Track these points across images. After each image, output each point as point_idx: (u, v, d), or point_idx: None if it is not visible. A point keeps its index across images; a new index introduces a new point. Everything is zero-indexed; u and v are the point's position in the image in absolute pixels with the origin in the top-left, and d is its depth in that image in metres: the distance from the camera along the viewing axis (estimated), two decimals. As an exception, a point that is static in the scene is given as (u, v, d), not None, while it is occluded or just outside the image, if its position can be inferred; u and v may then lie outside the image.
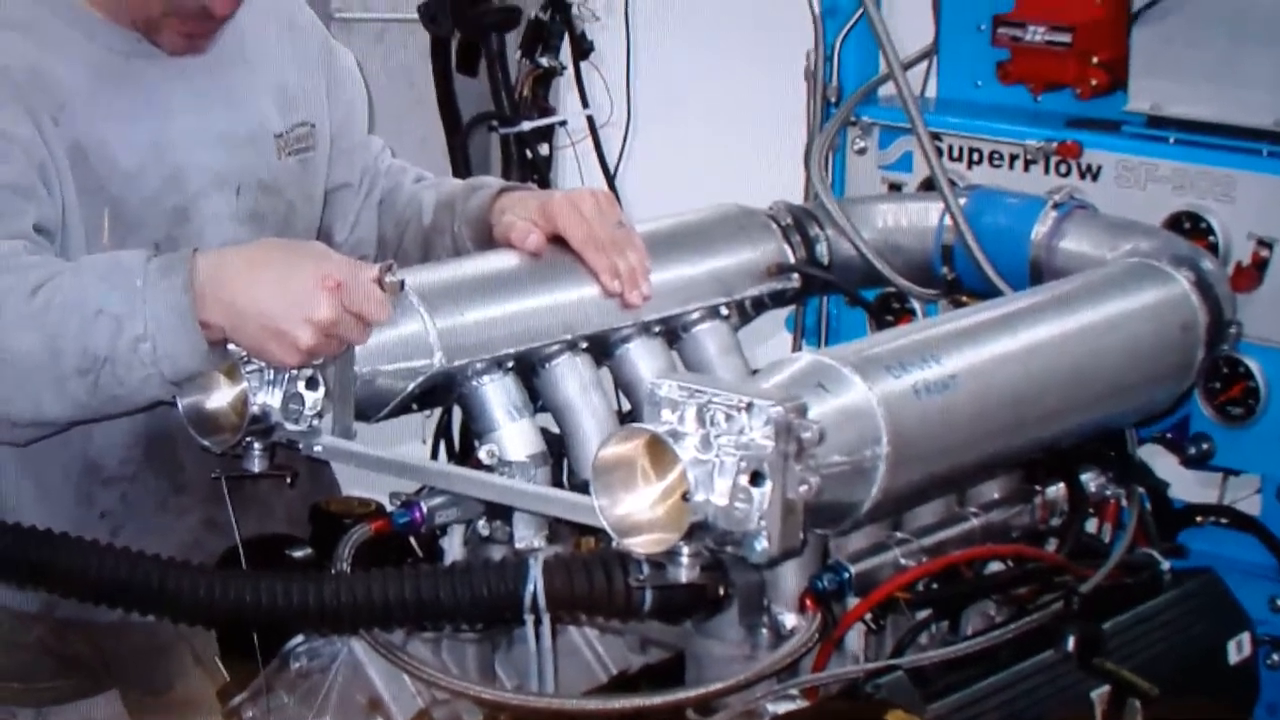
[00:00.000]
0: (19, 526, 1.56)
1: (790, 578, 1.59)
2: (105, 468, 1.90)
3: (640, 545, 1.45)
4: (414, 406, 1.73)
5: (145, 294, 1.62)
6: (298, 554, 1.67)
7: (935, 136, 2.09)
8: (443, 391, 1.72)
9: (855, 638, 1.63)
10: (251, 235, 1.89)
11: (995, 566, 1.76)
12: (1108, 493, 1.87)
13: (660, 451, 1.44)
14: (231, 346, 1.64)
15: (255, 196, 1.93)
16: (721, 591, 1.54)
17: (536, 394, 1.79)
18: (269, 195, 1.94)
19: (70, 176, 1.79)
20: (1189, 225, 2.00)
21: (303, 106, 1.99)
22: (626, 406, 1.87)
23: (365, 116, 2.11)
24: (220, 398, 1.64)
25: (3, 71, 1.77)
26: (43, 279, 1.65)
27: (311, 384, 1.63)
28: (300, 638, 1.69)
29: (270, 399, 1.63)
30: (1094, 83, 2.10)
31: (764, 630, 1.58)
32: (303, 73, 2.00)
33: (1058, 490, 1.84)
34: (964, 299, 2.04)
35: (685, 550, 1.47)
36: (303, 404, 1.63)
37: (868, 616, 1.60)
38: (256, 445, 1.66)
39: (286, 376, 1.63)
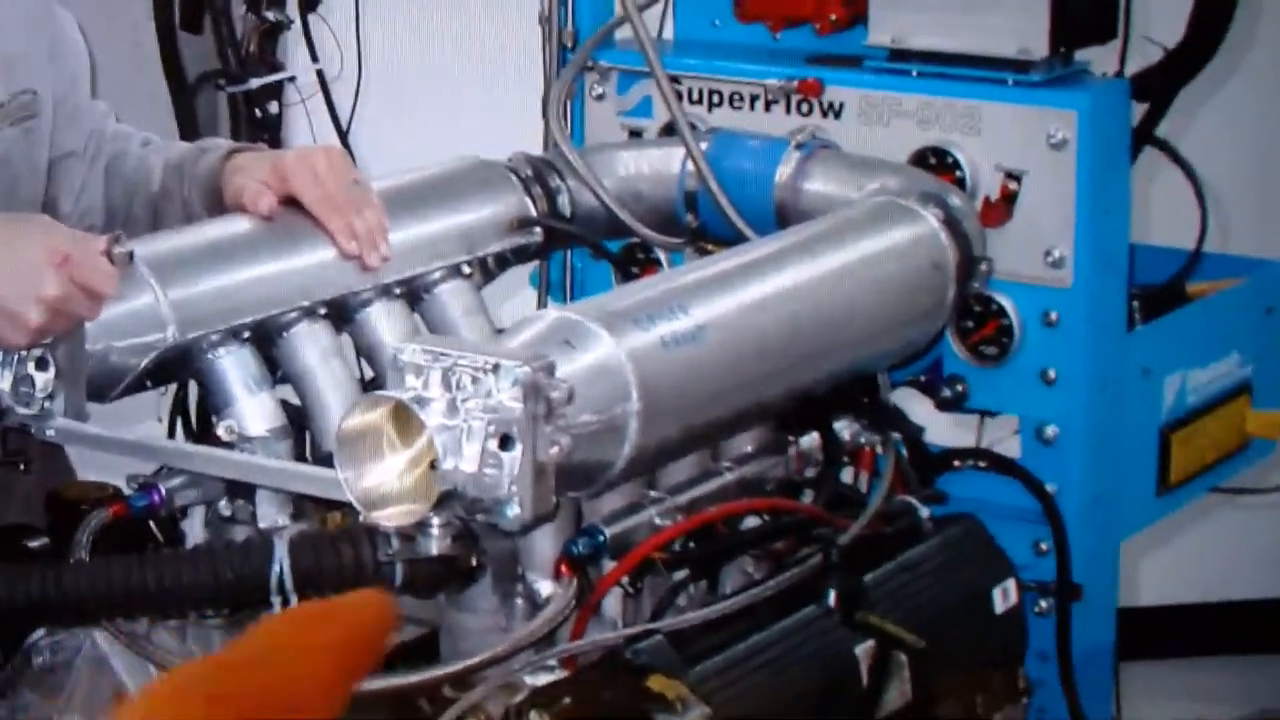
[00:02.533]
0: None
1: (544, 544, 1.55)
2: None
3: (388, 518, 1.41)
4: (149, 383, 1.68)
5: None
6: (34, 544, 1.61)
7: (674, 79, 2.05)
8: (178, 366, 1.68)
9: (613, 603, 1.59)
10: None
11: (753, 522, 1.74)
12: (863, 440, 1.85)
13: (406, 419, 1.40)
14: None
15: None
16: (474, 562, 1.50)
17: (276, 364, 1.73)
18: None
19: None
20: (935, 161, 1.98)
21: (24, 73, 1.91)
22: (370, 374, 1.82)
23: (89, 80, 2.03)
24: None
25: None
26: None
27: (41, 364, 1.58)
28: (42, 631, 1.60)
29: (0, 381, 1.58)
30: (833, 17, 2.07)
31: (519, 600, 1.55)
32: (23, 38, 1.92)
33: (812, 440, 1.82)
34: (710, 247, 2.01)
35: (435, 521, 1.44)
36: (33, 386, 1.58)
37: (624, 580, 1.57)
38: None
39: (15, 358, 1.58)
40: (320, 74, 2.34)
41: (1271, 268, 2.23)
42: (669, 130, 2.09)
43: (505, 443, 1.38)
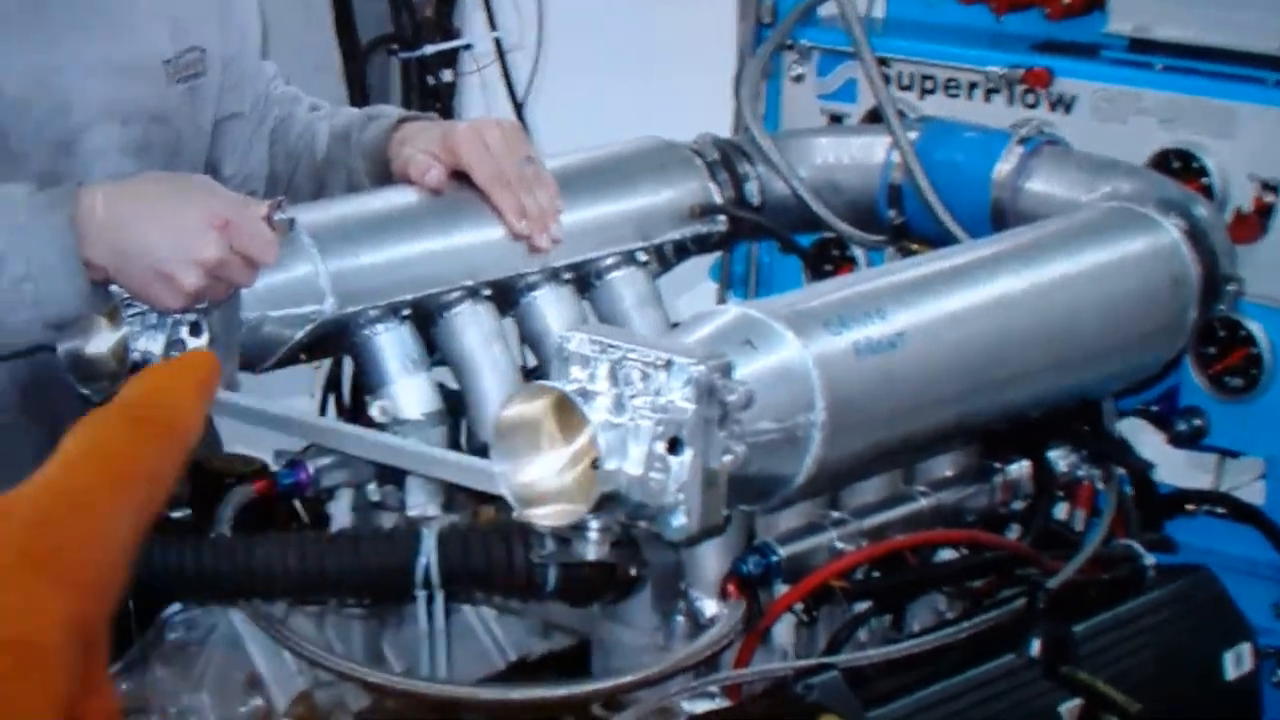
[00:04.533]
0: None
1: (711, 559, 1.51)
2: None
3: (544, 517, 1.37)
4: (303, 356, 1.68)
5: (29, 231, 1.59)
6: (175, 514, 1.61)
7: (882, 62, 2.00)
8: (334, 341, 1.68)
9: (784, 630, 1.55)
10: (138, 168, 1.84)
11: (947, 555, 1.68)
12: (1081, 473, 1.76)
13: (568, 413, 1.36)
14: (114, 288, 1.60)
15: (143, 127, 1.87)
16: (633, 572, 1.47)
17: (434, 345, 1.72)
18: (157, 125, 1.89)
19: None
20: (1179, 165, 1.89)
21: (193, 30, 1.92)
22: (532, 362, 1.80)
23: (259, 41, 2.05)
24: (100, 343, 1.60)
25: None
26: None
27: (195, 330, 1.59)
28: (178, 606, 1.63)
29: (152, 345, 1.59)
30: (1066, 1, 2.01)
31: (680, 618, 1.52)
32: None
33: (1022, 469, 1.75)
34: (914, 246, 1.95)
35: (594, 524, 1.41)
36: (185, 350, 1.58)
37: (798, 607, 1.52)
38: None
39: (170, 321, 1.59)
40: (498, 42, 2.34)
41: None
42: (874, 117, 2.04)
43: (674, 446, 1.34)
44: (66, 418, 1.92)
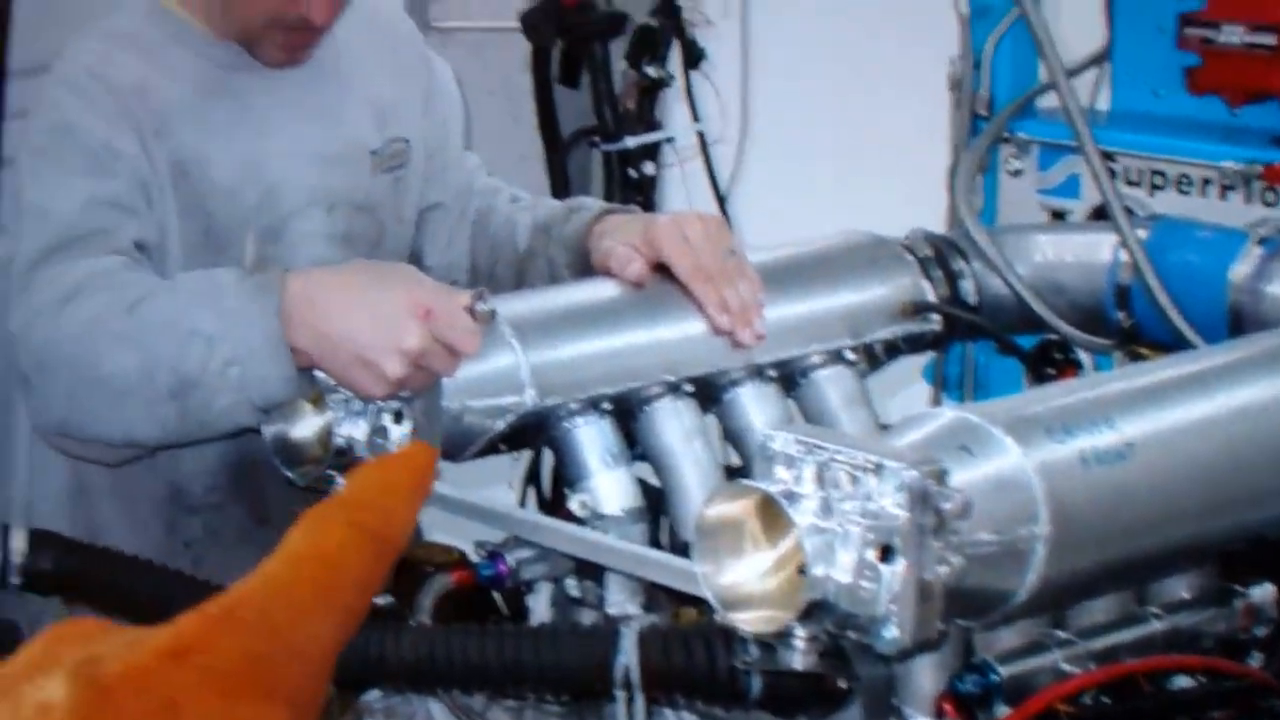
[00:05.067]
0: (109, 551, 1.61)
1: (925, 675, 1.45)
2: (191, 495, 1.93)
3: (748, 622, 1.33)
4: (502, 447, 1.68)
5: (238, 316, 1.63)
6: (378, 601, 1.57)
7: (1108, 156, 1.94)
8: (533, 432, 1.67)
9: None
10: (343, 255, 1.89)
11: (1183, 682, 1.59)
12: None
13: (773, 514, 1.32)
14: (319, 374, 1.63)
15: (348, 215, 1.93)
16: (842, 684, 1.41)
17: (635, 440, 1.71)
18: (362, 214, 1.95)
19: (171, 193, 1.83)
20: None
21: (398, 122, 1.99)
22: (735, 460, 1.77)
23: (461, 132, 2.09)
24: (305, 427, 1.63)
25: (112, 87, 1.83)
26: (139, 296, 1.68)
27: (398, 417, 1.60)
28: (377, 692, 1.64)
29: (355, 431, 1.61)
30: None
31: None
32: (399, 87, 2.00)
33: (1265, 592, 1.65)
34: (1144, 351, 1.88)
35: (800, 632, 1.35)
36: (388, 438, 1.60)
37: None
38: (340, 479, 1.62)
39: (373, 408, 1.61)
40: (701, 135, 2.32)
41: None
42: (1099, 214, 1.99)
43: (886, 554, 1.28)
44: (271, 499, 1.99)
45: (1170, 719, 1.57)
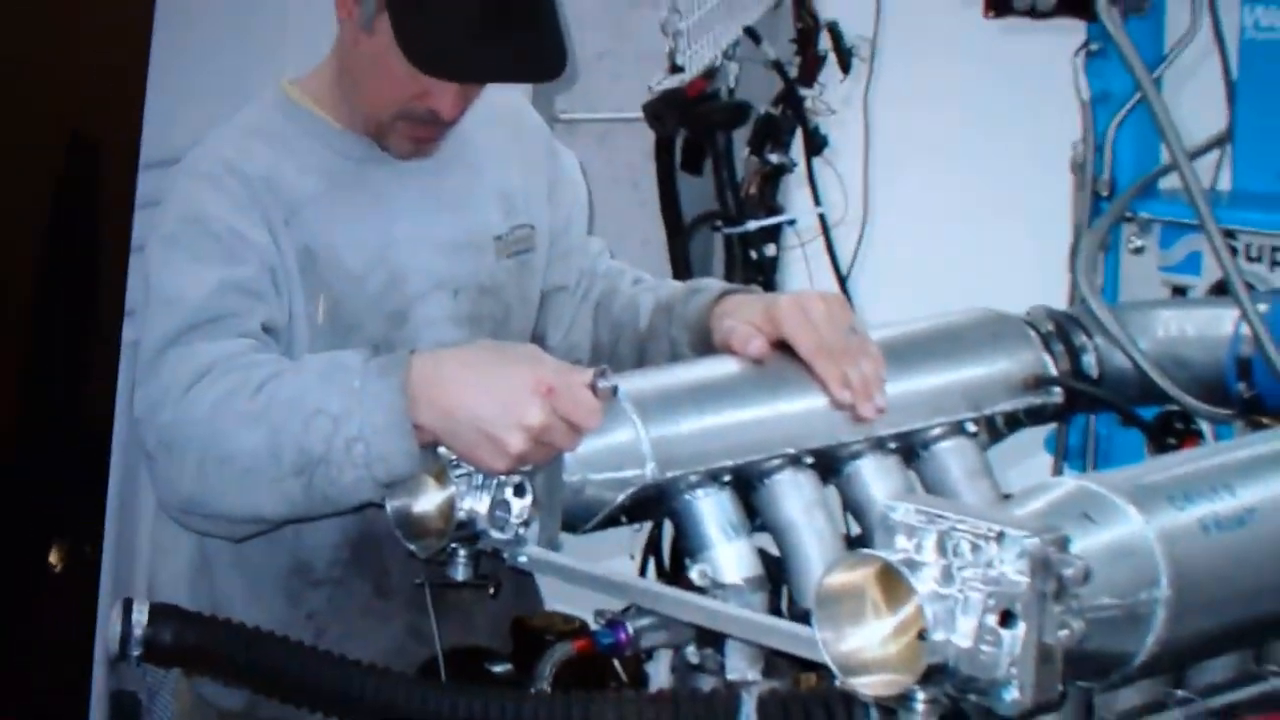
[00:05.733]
0: (230, 622, 1.61)
1: None
2: (314, 569, 1.95)
3: (869, 686, 1.33)
4: (623, 519, 1.68)
5: (362, 395, 1.64)
6: (497, 668, 1.65)
7: (1229, 234, 1.96)
8: (654, 504, 1.67)
9: None
10: (467, 336, 1.92)
11: None
12: None
13: (893, 583, 1.33)
14: (441, 450, 1.64)
15: (473, 298, 1.96)
16: None
17: (755, 511, 1.71)
18: (486, 297, 1.97)
19: (298, 279, 1.87)
20: None
21: (524, 208, 2.02)
22: (855, 530, 1.77)
23: (585, 218, 2.12)
24: (427, 501, 1.64)
25: (244, 178, 1.87)
26: (266, 377, 1.70)
27: (519, 491, 1.61)
28: None
29: (477, 505, 1.62)
30: None
31: None
32: (525, 175, 2.03)
33: None
34: (1265, 421, 1.88)
35: (921, 696, 1.34)
36: (510, 511, 1.61)
37: None
38: (461, 552, 1.64)
39: (495, 482, 1.62)
40: (822, 218, 2.34)
41: None
42: (1220, 289, 2.01)
43: (1007, 619, 1.29)
44: (394, 572, 1.89)
45: None
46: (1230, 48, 2.12)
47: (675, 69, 2.29)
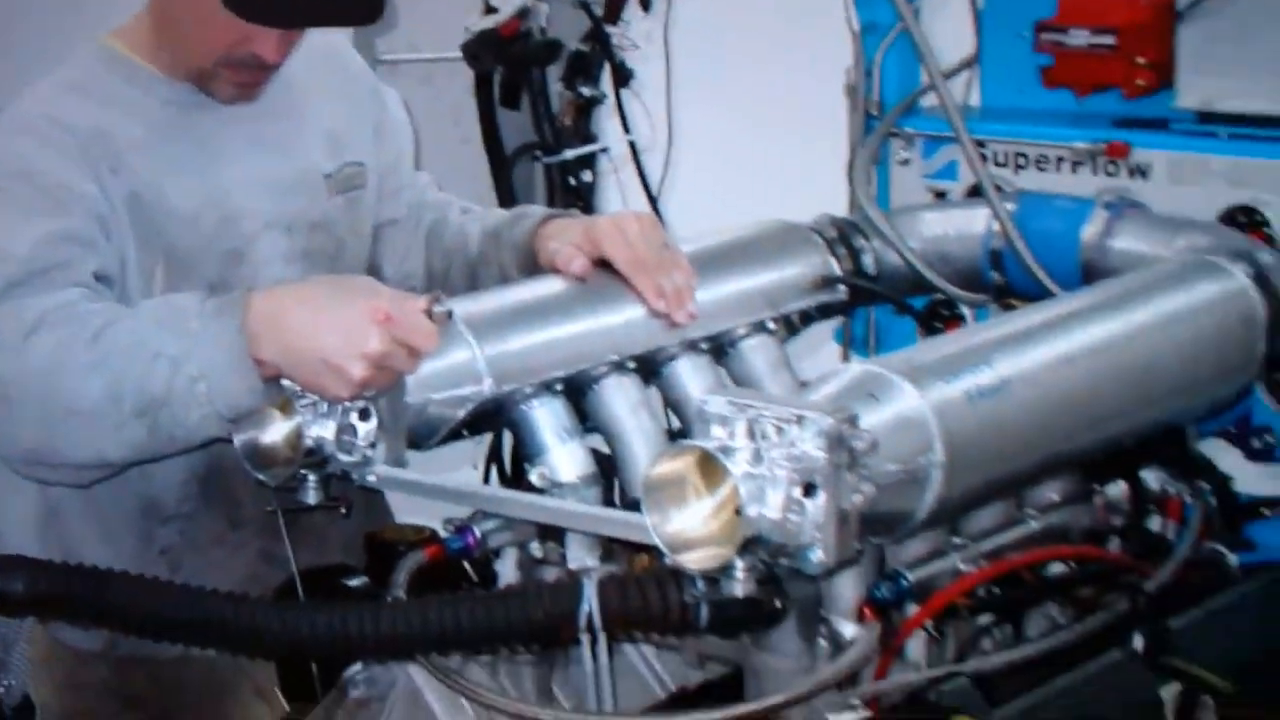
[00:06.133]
0: (81, 567, 1.56)
1: (847, 588, 1.56)
2: (164, 506, 1.91)
3: (694, 561, 1.43)
4: (465, 433, 1.72)
5: (200, 336, 1.63)
6: (353, 583, 1.67)
7: (979, 144, 2.07)
8: (493, 417, 1.72)
9: (916, 646, 1.59)
10: (303, 273, 1.90)
11: (1057, 568, 1.72)
12: (1170, 490, 1.82)
13: (711, 467, 1.42)
14: (285, 382, 1.64)
15: (306, 235, 1.94)
16: (778, 604, 1.51)
17: (585, 415, 1.76)
18: (320, 233, 1.96)
19: (129, 225, 1.81)
20: (1245, 219, 1.97)
21: (351, 148, 2.00)
22: (676, 424, 1.85)
23: (412, 154, 2.12)
24: (275, 432, 1.64)
25: (66, 129, 1.81)
26: (102, 325, 1.66)
27: (364, 415, 1.62)
28: (358, 665, 1.67)
29: (324, 432, 1.63)
30: (1140, 82, 2.08)
31: (823, 641, 1.56)
32: (351, 115, 2.01)
33: (1119, 489, 1.80)
34: (1015, 303, 2.01)
35: (740, 564, 1.45)
36: (356, 435, 1.62)
37: (928, 624, 1.57)
38: (311, 477, 1.66)
39: (339, 409, 1.63)
40: (632, 145, 2.39)
41: None
42: (974, 192, 2.10)
43: (809, 490, 1.39)
44: (245, 503, 1.89)
45: (1049, 600, 1.69)
46: (976, -18, 2.28)
47: (490, 10, 2.32)
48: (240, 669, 1.88)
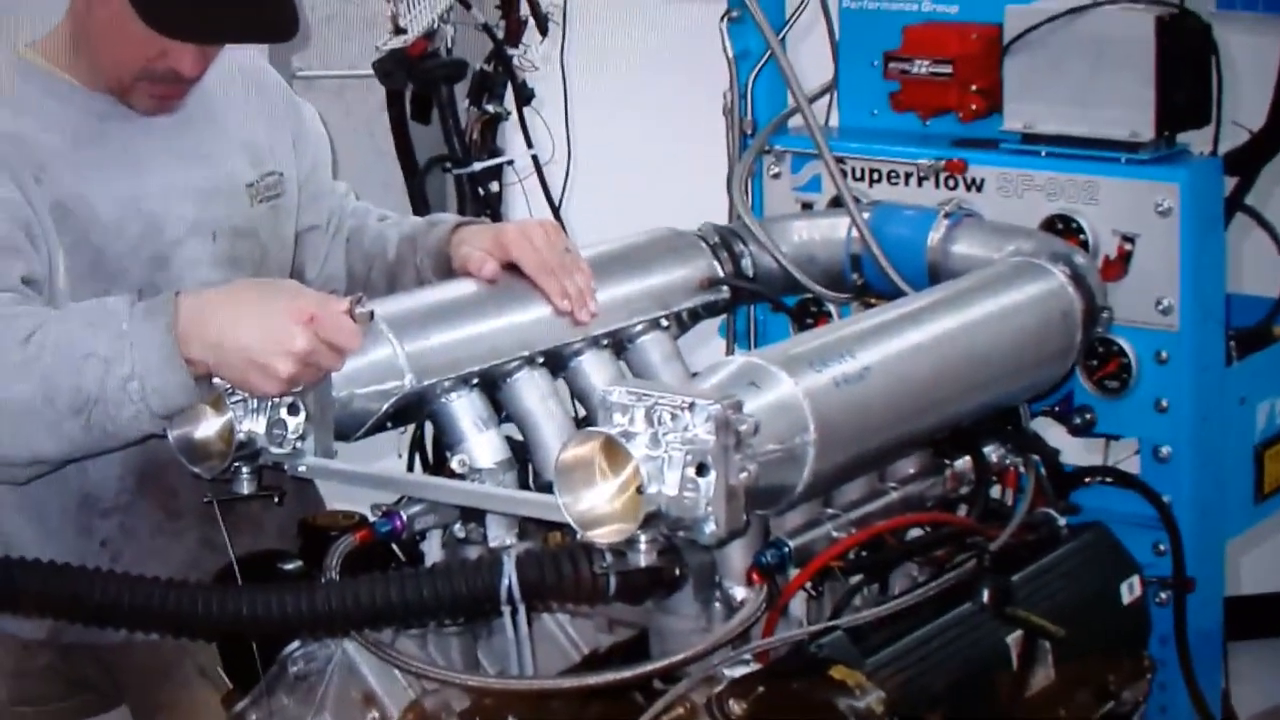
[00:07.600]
0: (22, 560, 1.53)
1: (737, 555, 1.60)
2: (102, 499, 1.87)
3: (602, 536, 1.46)
4: (389, 424, 1.72)
5: (131, 336, 1.60)
6: (289, 566, 1.66)
7: (839, 160, 2.12)
8: (414, 409, 1.72)
9: (798, 604, 1.65)
10: (228, 277, 1.85)
11: (915, 533, 1.78)
12: (1007, 462, 1.90)
13: (615, 451, 1.46)
14: (216, 380, 1.62)
15: (230, 241, 1.91)
16: (677, 572, 1.54)
17: (500, 406, 1.77)
18: (243, 239, 1.93)
19: (54, 231, 1.77)
20: (1062, 226, 2.05)
21: (271, 158, 1.98)
22: (582, 413, 1.87)
23: (329, 164, 2.10)
24: (208, 427, 1.62)
25: None
26: (32, 327, 1.62)
27: (293, 410, 1.61)
28: (296, 643, 1.67)
29: (255, 426, 1.62)
30: (973, 107, 2.14)
31: (717, 604, 1.60)
32: (269, 127, 1.98)
33: (964, 462, 1.87)
34: (873, 301, 2.07)
35: (643, 538, 1.47)
36: (286, 429, 1.61)
37: (808, 585, 1.62)
38: (245, 469, 1.64)
39: (269, 404, 1.61)
40: (535, 158, 2.40)
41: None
42: (836, 203, 2.15)
43: (701, 470, 1.43)
44: (182, 493, 1.88)
45: (909, 560, 1.76)
46: (833, 15, 2.28)
47: (399, 31, 2.32)
48: (183, 651, 1.87)
